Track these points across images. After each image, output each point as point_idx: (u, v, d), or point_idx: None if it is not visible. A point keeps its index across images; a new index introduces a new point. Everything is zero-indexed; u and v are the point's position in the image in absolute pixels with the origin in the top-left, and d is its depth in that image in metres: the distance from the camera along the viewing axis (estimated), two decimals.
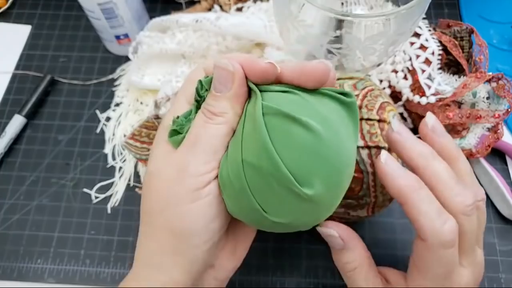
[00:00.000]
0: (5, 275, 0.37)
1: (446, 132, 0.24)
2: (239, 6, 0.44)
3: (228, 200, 0.22)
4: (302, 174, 0.19)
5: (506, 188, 0.36)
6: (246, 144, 0.21)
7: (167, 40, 0.42)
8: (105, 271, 0.37)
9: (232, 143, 0.22)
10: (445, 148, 0.24)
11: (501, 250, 0.36)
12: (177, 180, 0.22)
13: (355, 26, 0.25)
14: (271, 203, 0.20)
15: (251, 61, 0.22)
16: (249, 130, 0.21)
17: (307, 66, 0.21)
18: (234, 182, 0.21)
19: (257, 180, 0.20)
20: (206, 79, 0.23)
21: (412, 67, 0.36)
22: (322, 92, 0.22)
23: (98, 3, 0.40)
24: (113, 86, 0.46)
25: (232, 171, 0.21)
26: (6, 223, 0.39)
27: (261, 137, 0.20)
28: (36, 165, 0.42)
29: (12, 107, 0.45)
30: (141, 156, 0.37)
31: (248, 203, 0.21)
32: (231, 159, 0.21)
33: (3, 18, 0.51)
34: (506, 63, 0.43)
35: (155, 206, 0.23)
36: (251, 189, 0.20)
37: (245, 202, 0.21)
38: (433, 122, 0.24)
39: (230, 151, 0.22)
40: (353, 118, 0.22)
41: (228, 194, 0.22)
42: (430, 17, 0.47)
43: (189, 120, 0.23)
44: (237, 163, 0.21)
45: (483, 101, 0.35)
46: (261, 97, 0.21)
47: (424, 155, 0.23)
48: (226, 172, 0.21)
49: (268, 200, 0.20)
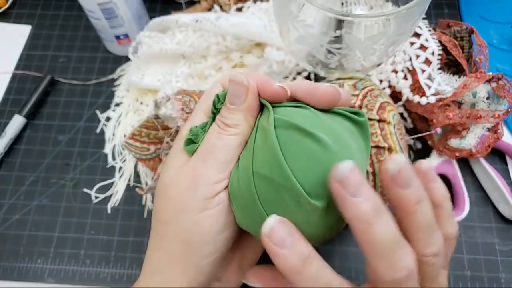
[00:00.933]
0: (5, 275, 0.37)
1: (406, 181, 0.20)
2: (239, 6, 0.44)
3: (237, 210, 0.22)
4: (312, 186, 0.19)
5: (506, 188, 0.36)
6: (257, 155, 0.21)
7: (167, 40, 0.41)
8: (105, 271, 0.37)
9: (244, 155, 0.22)
10: (399, 203, 0.20)
11: (501, 250, 0.36)
12: (190, 188, 0.22)
13: (355, 26, 0.25)
14: (280, 214, 0.20)
15: (263, 81, 0.22)
16: (261, 142, 0.21)
17: (318, 90, 0.22)
18: (244, 192, 0.21)
19: (267, 190, 0.20)
20: (222, 93, 0.24)
21: (412, 67, 0.36)
22: (335, 110, 0.23)
23: (98, 3, 0.40)
24: (113, 86, 0.46)
25: (243, 181, 0.21)
26: (6, 223, 0.39)
27: (272, 149, 0.20)
28: (36, 165, 0.42)
29: (12, 107, 0.45)
30: (141, 156, 0.36)
31: (257, 213, 0.21)
32: (242, 170, 0.21)
33: (3, 18, 0.51)
34: (506, 63, 0.43)
35: (168, 215, 0.23)
36: (261, 200, 0.21)
37: (254, 213, 0.21)
38: (393, 168, 0.19)
39: (241, 162, 0.22)
40: (364, 136, 0.22)
41: (238, 205, 0.22)
42: (430, 17, 0.47)
43: (204, 130, 0.24)
44: (247, 173, 0.21)
45: (483, 101, 0.35)
46: (273, 111, 0.21)
47: (407, 206, 0.20)
48: (237, 183, 0.22)
49: (277, 210, 0.20)
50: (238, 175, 0.22)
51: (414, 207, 0.20)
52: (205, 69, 0.41)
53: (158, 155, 0.36)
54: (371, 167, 0.27)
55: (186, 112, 0.29)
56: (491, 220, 0.37)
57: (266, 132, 0.21)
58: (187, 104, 0.30)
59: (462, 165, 0.39)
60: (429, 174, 0.21)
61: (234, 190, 0.22)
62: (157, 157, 0.37)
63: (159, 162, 0.36)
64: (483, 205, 0.38)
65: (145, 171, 0.41)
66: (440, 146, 0.37)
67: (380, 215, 0.18)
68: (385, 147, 0.27)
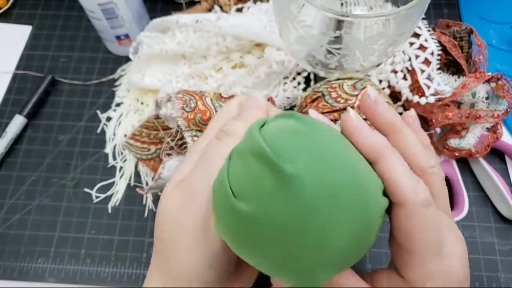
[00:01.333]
0: (5, 275, 0.37)
1: (387, 105, 0.23)
2: (239, 6, 0.44)
3: (214, 212, 0.20)
4: (284, 152, 0.18)
5: (506, 188, 0.36)
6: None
7: (168, 40, 0.42)
8: (105, 271, 0.37)
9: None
10: (388, 120, 0.22)
11: (501, 249, 0.36)
12: (185, 207, 0.22)
13: (354, 27, 0.26)
14: (245, 186, 0.19)
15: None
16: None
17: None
18: (218, 181, 0.20)
19: (238, 164, 0.19)
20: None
21: (412, 67, 0.36)
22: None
23: (99, 4, 0.40)
24: (114, 86, 0.46)
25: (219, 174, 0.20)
26: (6, 223, 0.39)
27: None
28: (36, 165, 0.42)
29: (12, 107, 0.45)
30: (141, 156, 0.37)
31: (224, 192, 0.19)
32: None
33: (3, 18, 0.51)
34: (505, 63, 0.43)
35: (167, 237, 0.23)
36: (229, 175, 0.19)
37: (222, 196, 0.19)
38: (375, 94, 0.23)
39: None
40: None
41: (214, 205, 0.20)
42: (429, 17, 0.47)
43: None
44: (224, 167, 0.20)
45: (482, 101, 0.35)
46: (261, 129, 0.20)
47: (396, 122, 0.22)
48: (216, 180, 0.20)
49: (243, 185, 0.19)
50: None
51: (403, 122, 0.22)
52: (205, 69, 0.41)
53: (158, 155, 0.37)
54: None
55: (186, 111, 0.29)
56: (491, 220, 0.37)
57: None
58: (188, 103, 0.30)
59: (461, 165, 0.39)
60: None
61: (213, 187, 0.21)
62: (158, 157, 0.37)
63: (159, 162, 0.36)
64: (483, 205, 0.38)
65: (146, 171, 0.41)
66: (440, 146, 0.37)
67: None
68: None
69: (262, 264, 0.19)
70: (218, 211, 0.20)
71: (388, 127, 0.22)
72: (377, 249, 0.36)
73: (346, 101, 0.31)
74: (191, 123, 0.29)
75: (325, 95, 0.32)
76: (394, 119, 0.22)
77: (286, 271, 0.19)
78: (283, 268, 0.19)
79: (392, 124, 0.22)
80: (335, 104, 0.31)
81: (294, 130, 0.19)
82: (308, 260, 0.18)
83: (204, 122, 0.29)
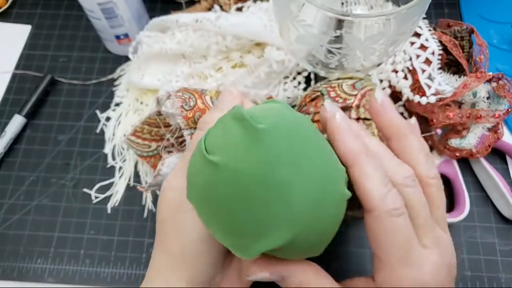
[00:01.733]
0: (5, 275, 0.37)
1: (395, 109, 0.24)
2: (239, 6, 0.44)
3: (187, 179, 0.22)
4: (259, 116, 0.20)
5: (506, 188, 0.36)
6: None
7: (167, 40, 0.41)
8: (105, 271, 0.37)
9: None
10: (394, 124, 0.23)
11: (501, 250, 0.36)
12: (184, 187, 0.23)
13: (355, 26, 0.25)
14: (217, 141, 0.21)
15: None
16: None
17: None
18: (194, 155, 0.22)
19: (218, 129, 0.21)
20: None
21: (412, 67, 0.36)
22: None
23: (98, 3, 0.40)
24: (113, 86, 0.46)
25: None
26: (6, 223, 0.39)
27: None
28: (36, 165, 0.42)
29: (12, 107, 0.45)
30: (142, 153, 0.37)
31: (199, 151, 0.21)
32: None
33: (3, 17, 0.51)
34: (506, 63, 0.43)
35: (166, 214, 0.25)
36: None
37: (197, 156, 0.21)
38: (382, 97, 0.24)
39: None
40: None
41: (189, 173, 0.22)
42: (430, 17, 0.47)
43: None
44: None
45: (483, 101, 0.35)
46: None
47: (402, 127, 0.23)
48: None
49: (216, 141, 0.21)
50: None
51: (408, 128, 0.22)
52: (205, 68, 0.41)
53: (159, 152, 0.37)
54: None
55: (185, 110, 0.29)
56: (491, 220, 0.37)
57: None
58: (187, 101, 0.30)
59: (462, 165, 0.39)
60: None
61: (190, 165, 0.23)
62: (158, 154, 0.37)
63: (159, 159, 0.36)
64: (483, 205, 0.38)
65: (145, 171, 0.41)
66: (441, 146, 0.37)
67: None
68: None
69: (222, 222, 0.20)
70: (190, 173, 0.22)
71: (393, 131, 0.22)
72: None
73: (345, 100, 0.31)
74: (190, 121, 0.29)
75: (324, 94, 0.32)
76: (400, 124, 0.22)
77: (243, 230, 0.20)
78: (240, 228, 0.20)
79: (398, 129, 0.22)
80: None
81: (272, 106, 0.21)
82: (265, 216, 0.19)
83: None
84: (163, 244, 0.25)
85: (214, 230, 0.21)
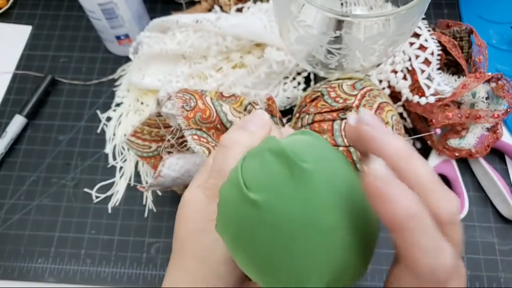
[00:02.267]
0: (5, 275, 0.37)
1: (387, 127, 0.20)
2: (239, 6, 0.44)
3: (219, 208, 0.21)
4: (300, 153, 0.19)
5: (506, 188, 0.36)
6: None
7: (168, 40, 0.42)
8: (105, 271, 0.37)
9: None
10: (393, 147, 0.18)
11: (501, 249, 0.36)
12: (205, 208, 0.23)
13: (354, 27, 0.26)
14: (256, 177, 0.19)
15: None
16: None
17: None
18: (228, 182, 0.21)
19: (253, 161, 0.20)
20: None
21: (412, 67, 0.36)
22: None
23: (99, 4, 0.40)
24: (114, 86, 0.46)
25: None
26: (6, 223, 0.39)
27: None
28: (36, 165, 0.42)
29: (12, 107, 0.45)
30: (142, 153, 0.37)
31: (235, 184, 0.19)
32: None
33: (3, 18, 0.51)
34: (506, 63, 0.43)
35: (186, 233, 0.24)
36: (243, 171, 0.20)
37: (233, 188, 0.20)
38: (368, 117, 0.19)
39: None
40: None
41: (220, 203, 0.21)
42: (429, 17, 0.47)
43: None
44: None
45: (483, 101, 0.35)
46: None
47: (403, 153, 0.18)
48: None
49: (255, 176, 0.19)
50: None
51: (410, 149, 0.18)
52: (206, 69, 0.41)
53: (159, 153, 0.37)
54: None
55: (186, 110, 0.29)
56: (491, 220, 0.37)
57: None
58: (188, 102, 0.30)
59: (461, 165, 0.39)
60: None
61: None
62: (158, 155, 0.37)
63: (160, 159, 0.36)
64: (483, 205, 0.38)
65: (146, 171, 0.41)
66: (440, 146, 0.37)
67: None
68: None
69: (254, 264, 0.19)
70: (223, 206, 0.20)
71: (392, 162, 0.18)
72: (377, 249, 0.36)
73: (345, 100, 0.31)
74: (191, 122, 0.29)
75: (324, 94, 0.32)
76: (400, 147, 0.18)
77: (279, 273, 0.19)
78: (276, 270, 0.19)
79: (399, 153, 0.18)
80: (333, 103, 0.31)
81: (310, 141, 0.20)
82: (306, 262, 0.18)
83: (204, 120, 0.30)
84: (181, 263, 0.24)
85: (245, 267, 0.20)
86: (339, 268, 0.18)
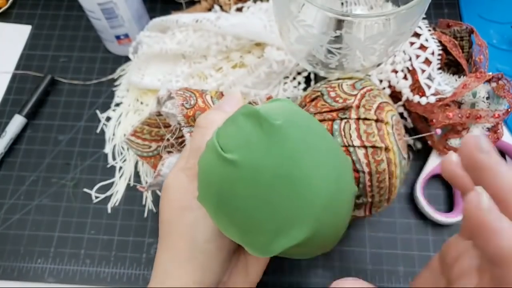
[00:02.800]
0: (5, 275, 0.37)
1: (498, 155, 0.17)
2: (239, 6, 0.44)
3: (198, 178, 0.22)
4: (273, 113, 0.20)
5: None
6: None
7: (167, 40, 0.42)
8: (105, 271, 0.37)
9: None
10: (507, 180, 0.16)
11: None
12: (189, 187, 0.23)
13: (355, 26, 0.25)
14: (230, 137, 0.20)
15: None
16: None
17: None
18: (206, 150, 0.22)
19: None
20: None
21: (412, 67, 0.36)
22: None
23: (98, 3, 0.40)
24: (113, 86, 0.46)
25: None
26: (6, 223, 0.39)
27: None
28: (36, 165, 0.42)
29: (12, 107, 0.45)
30: (142, 153, 0.37)
31: (212, 149, 0.21)
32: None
33: (3, 18, 0.51)
34: (506, 63, 0.43)
35: (171, 214, 0.24)
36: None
37: (209, 153, 0.21)
38: (486, 145, 0.17)
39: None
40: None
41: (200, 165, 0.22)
42: (430, 17, 0.47)
43: None
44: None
45: (483, 101, 0.35)
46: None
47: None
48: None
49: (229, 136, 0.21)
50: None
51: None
52: (205, 69, 0.41)
53: (159, 152, 0.37)
54: (368, 167, 0.27)
55: (186, 108, 0.29)
56: None
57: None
58: (188, 100, 0.30)
59: None
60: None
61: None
62: (158, 154, 0.37)
63: (159, 159, 0.36)
64: None
65: (145, 171, 0.41)
66: (440, 146, 0.37)
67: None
68: (382, 147, 0.27)
69: (239, 224, 0.20)
70: (202, 173, 0.21)
71: (505, 190, 0.16)
72: (377, 249, 0.36)
73: (344, 100, 0.31)
74: (190, 120, 0.29)
75: (324, 94, 0.32)
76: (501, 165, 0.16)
77: (263, 228, 0.19)
78: (260, 225, 0.19)
79: (500, 170, 0.17)
80: (333, 103, 0.31)
81: (281, 104, 0.21)
82: (287, 211, 0.19)
83: None
84: (168, 245, 0.24)
85: (230, 230, 0.21)
86: (320, 216, 0.19)
